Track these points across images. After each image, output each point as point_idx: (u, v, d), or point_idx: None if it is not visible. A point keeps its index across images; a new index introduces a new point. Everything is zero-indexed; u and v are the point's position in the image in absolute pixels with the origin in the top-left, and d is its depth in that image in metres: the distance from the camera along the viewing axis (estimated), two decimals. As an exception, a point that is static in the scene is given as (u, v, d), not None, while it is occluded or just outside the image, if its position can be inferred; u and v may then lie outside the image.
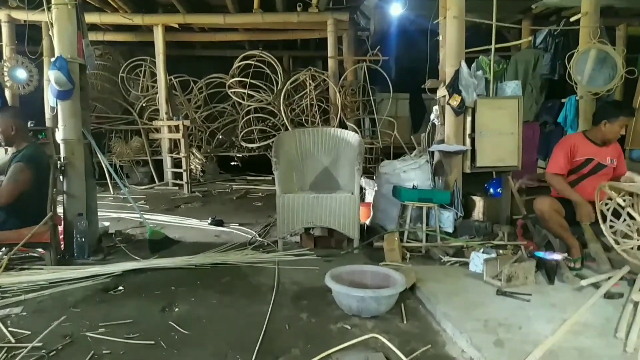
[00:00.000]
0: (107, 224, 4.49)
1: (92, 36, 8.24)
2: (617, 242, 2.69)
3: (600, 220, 2.70)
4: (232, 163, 9.43)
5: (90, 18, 7.21)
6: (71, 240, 3.69)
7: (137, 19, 7.43)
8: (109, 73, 8.72)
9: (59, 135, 3.78)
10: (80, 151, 3.81)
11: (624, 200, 2.68)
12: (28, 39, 5.75)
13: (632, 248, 2.67)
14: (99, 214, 4.23)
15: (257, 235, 4.34)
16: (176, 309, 2.67)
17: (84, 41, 3.79)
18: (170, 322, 2.47)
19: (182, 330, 2.38)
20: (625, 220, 2.71)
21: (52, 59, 3.65)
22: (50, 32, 3.77)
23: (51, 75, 3.56)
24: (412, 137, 6.50)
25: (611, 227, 2.75)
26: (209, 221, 4.83)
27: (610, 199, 2.69)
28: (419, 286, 2.86)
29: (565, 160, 3.30)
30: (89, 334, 2.33)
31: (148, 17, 7.49)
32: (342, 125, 7.48)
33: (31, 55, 6.27)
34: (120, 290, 2.98)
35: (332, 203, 3.75)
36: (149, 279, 3.18)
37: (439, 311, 2.51)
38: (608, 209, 2.76)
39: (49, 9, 3.71)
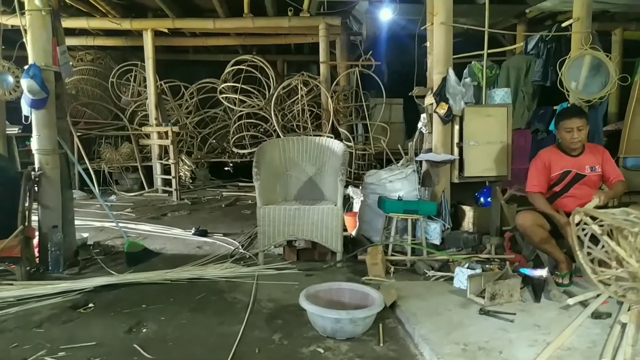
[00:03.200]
0: (85, 235, 4.37)
1: (82, 41, 8.16)
2: (595, 272, 2.46)
3: (577, 247, 2.48)
4: (226, 168, 9.31)
5: (78, 23, 7.12)
6: (46, 253, 3.58)
7: (126, 24, 7.31)
8: (101, 78, 8.60)
9: (33, 145, 3.67)
10: (56, 161, 3.70)
11: (601, 226, 2.48)
12: (13, 44, 5.61)
13: (609, 278, 2.47)
14: (82, 223, 4.13)
15: (239, 246, 4.22)
16: (144, 330, 2.55)
17: (59, 48, 3.68)
18: (135, 345, 2.35)
19: (145, 354, 2.27)
20: (603, 246, 2.51)
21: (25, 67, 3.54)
22: (24, 39, 3.66)
23: (24, 84, 3.45)
24: (408, 142, 6.36)
25: (589, 254, 2.54)
26: (193, 231, 4.71)
27: (587, 224, 2.48)
28: (400, 304, 2.74)
29: (541, 177, 3.22)
30: (47, 358, 2.22)
31: (137, 22, 7.37)
32: (335, 131, 7.37)
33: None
34: (90, 307, 2.86)
35: (315, 215, 3.63)
36: (121, 295, 3.06)
37: (417, 333, 2.39)
38: (585, 234, 2.53)
39: (22, 14, 3.61)
